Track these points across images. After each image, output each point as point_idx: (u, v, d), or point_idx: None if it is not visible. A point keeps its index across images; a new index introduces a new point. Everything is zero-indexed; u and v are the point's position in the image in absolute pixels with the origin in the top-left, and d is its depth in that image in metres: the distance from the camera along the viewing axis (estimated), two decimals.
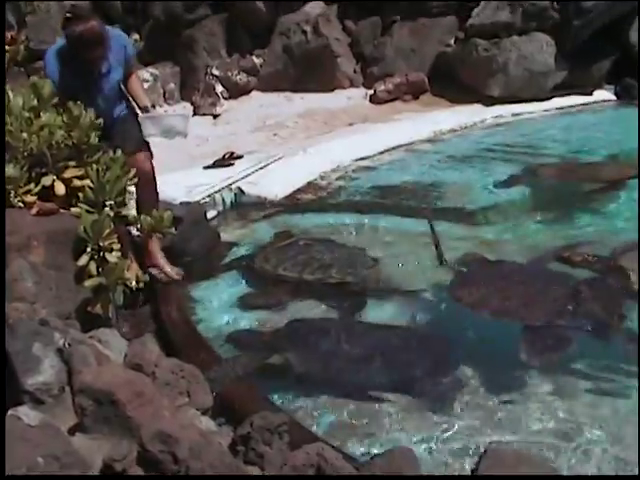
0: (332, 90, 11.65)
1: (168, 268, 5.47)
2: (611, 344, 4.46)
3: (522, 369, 4.31)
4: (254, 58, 11.98)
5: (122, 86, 5.45)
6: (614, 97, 11.48)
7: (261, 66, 11.98)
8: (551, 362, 4.28)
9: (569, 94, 11.18)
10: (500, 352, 4.54)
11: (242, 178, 7.65)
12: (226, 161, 8.17)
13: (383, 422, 4.02)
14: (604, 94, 11.48)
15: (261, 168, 7.98)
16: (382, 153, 8.86)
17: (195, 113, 11.16)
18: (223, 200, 7.29)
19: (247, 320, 5.14)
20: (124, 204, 4.83)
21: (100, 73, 5.23)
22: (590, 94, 11.39)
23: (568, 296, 4.68)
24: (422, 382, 4.28)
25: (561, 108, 10.91)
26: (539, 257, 5.66)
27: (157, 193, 5.54)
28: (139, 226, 5.18)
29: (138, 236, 5.41)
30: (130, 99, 5.53)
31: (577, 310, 4.55)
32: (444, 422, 3.99)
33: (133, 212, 5.20)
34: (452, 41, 11.73)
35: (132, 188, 5.09)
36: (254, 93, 11.77)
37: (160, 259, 5.48)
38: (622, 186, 7.23)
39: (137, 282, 5.00)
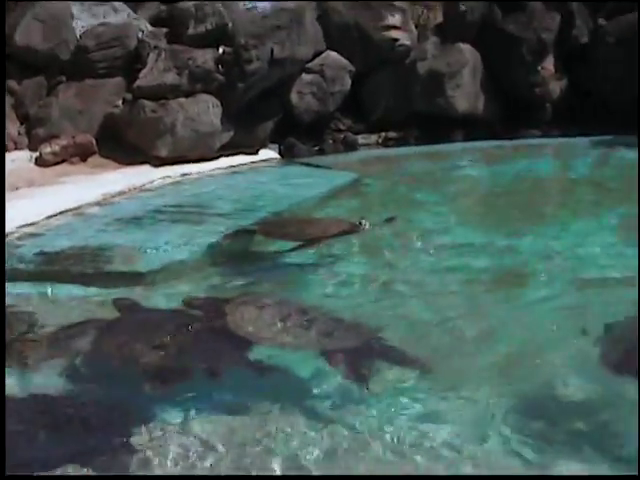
0: None
1: None
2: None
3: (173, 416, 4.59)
4: None
5: None
6: (278, 155, 12.42)
7: None
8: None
9: (236, 153, 11.92)
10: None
11: None
12: None
13: None
14: (269, 153, 12.37)
15: None
16: (49, 218, 8.86)
17: None
18: None
19: None
20: None
21: None
22: (256, 153, 12.23)
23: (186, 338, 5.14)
24: (98, 451, 4.29)
25: (229, 167, 11.59)
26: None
27: None
28: None
29: None
30: None
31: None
32: None
33: None
34: (120, 102, 12.01)
35: None
36: None
37: None
38: (319, 243, 7.59)
39: None
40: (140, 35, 12.38)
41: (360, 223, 7.35)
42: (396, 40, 13.50)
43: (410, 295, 6.38)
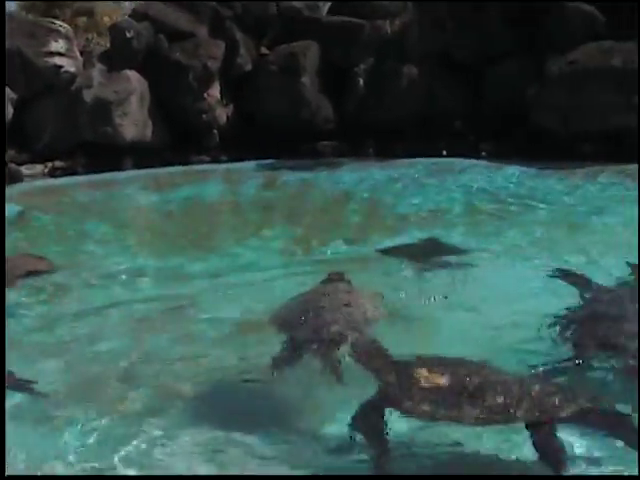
0: None
1: None
2: None
3: None
4: None
5: None
6: None
7: None
8: None
9: None
10: None
11: None
12: None
13: None
14: None
15: None
16: None
17: None
18: None
19: None
20: None
21: None
22: None
23: None
24: None
25: None
26: None
27: None
28: None
29: None
30: None
31: None
32: None
33: None
34: None
35: None
36: None
37: None
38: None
39: None
40: None
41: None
42: (60, 67, 13.49)
43: (69, 325, 6.38)
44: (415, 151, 12.91)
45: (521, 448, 3.86)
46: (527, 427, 3.71)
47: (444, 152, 12.90)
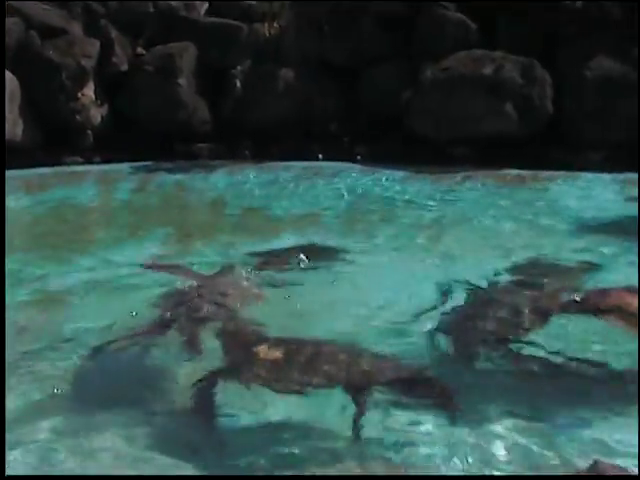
0: None
1: None
2: None
3: None
4: None
5: None
6: None
7: None
8: None
9: None
10: None
11: None
12: None
13: None
14: None
15: None
16: None
17: None
18: None
19: None
20: None
21: None
22: None
23: None
24: None
25: None
26: None
27: None
28: None
29: None
30: None
31: None
32: None
33: None
34: None
35: None
36: None
37: None
38: None
39: None
40: None
41: None
42: None
43: None
44: (291, 154, 13.01)
45: None
46: (347, 392, 4.36)
47: (320, 155, 13.02)
